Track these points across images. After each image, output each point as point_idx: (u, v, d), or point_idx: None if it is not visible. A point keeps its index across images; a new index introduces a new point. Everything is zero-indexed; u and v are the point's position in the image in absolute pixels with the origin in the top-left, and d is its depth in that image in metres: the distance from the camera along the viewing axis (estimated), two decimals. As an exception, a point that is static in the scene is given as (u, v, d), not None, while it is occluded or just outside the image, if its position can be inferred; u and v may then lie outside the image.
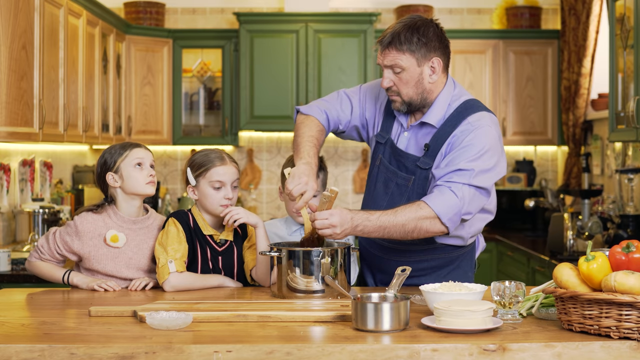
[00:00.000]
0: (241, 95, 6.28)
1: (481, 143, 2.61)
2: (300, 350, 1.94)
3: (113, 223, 2.85)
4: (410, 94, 2.70)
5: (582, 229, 4.58)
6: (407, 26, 2.66)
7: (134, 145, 2.90)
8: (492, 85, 6.40)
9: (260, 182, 6.77)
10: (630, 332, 1.96)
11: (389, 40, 2.65)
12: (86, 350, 1.94)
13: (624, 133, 4.25)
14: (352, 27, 6.28)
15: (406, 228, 2.54)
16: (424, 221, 2.55)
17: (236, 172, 2.83)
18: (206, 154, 2.83)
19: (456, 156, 2.61)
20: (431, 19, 2.73)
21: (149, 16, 6.39)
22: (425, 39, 2.65)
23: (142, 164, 2.85)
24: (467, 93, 2.79)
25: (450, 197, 2.55)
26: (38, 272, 2.91)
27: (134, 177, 2.83)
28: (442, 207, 2.54)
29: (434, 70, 2.68)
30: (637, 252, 2.05)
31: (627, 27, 4.21)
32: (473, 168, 2.57)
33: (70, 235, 2.84)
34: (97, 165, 2.91)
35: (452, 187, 2.56)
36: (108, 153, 2.88)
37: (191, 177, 2.81)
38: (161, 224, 2.92)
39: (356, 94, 2.94)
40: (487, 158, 2.61)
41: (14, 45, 3.97)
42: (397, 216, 2.54)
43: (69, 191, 5.59)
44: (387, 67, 2.69)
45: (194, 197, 2.84)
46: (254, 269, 2.81)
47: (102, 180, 2.88)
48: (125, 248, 2.84)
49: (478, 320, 2.05)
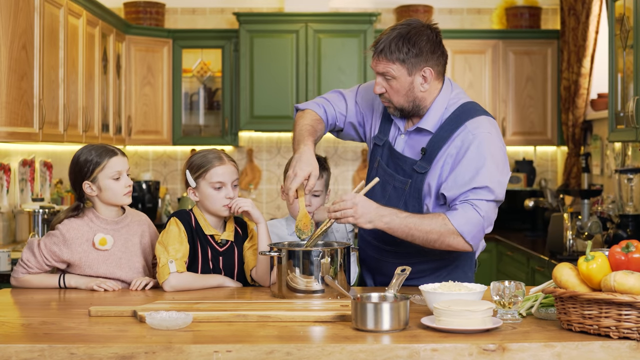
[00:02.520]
0: (241, 95, 6.28)
1: (488, 155, 2.61)
2: (300, 350, 1.94)
3: (97, 226, 2.83)
4: (402, 102, 2.70)
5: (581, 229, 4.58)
6: (399, 35, 2.64)
7: (110, 152, 2.83)
8: (491, 86, 6.40)
9: (260, 182, 6.77)
10: (630, 332, 1.97)
11: (381, 48, 2.65)
12: (86, 350, 1.95)
13: (624, 133, 4.25)
14: (352, 27, 6.28)
15: (430, 236, 2.57)
16: (448, 236, 2.58)
17: (235, 171, 2.83)
18: (204, 155, 2.83)
19: (465, 172, 2.60)
20: (428, 24, 2.69)
21: (149, 16, 6.39)
22: (417, 50, 2.63)
23: (120, 176, 2.81)
24: (465, 96, 2.77)
25: (474, 216, 2.58)
26: (29, 286, 2.83)
27: (112, 189, 2.81)
28: (465, 226, 2.57)
29: (426, 79, 2.67)
30: (637, 252, 2.05)
31: (626, 27, 4.21)
32: (487, 185, 2.59)
33: (58, 244, 2.80)
34: (71, 171, 2.84)
35: (475, 206, 2.58)
36: (83, 159, 2.81)
37: (191, 179, 2.81)
38: (140, 219, 2.93)
39: (352, 92, 2.96)
40: (497, 169, 2.62)
41: (14, 45, 3.97)
42: (423, 222, 2.57)
43: (69, 191, 5.59)
44: (379, 74, 2.69)
45: (195, 198, 2.83)
46: (254, 269, 2.81)
47: (79, 186, 2.82)
48: (113, 249, 2.83)
49: (478, 320, 2.05)
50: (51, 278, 2.84)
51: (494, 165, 2.61)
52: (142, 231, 2.93)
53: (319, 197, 2.94)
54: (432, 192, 2.69)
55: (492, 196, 2.60)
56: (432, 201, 2.70)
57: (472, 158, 2.61)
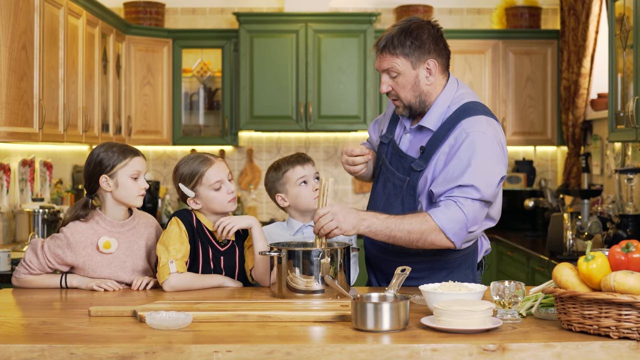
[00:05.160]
0: (241, 95, 6.28)
1: (477, 153, 2.59)
2: (300, 350, 1.94)
3: (102, 229, 2.83)
4: (409, 97, 2.72)
5: (581, 229, 4.58)
6: (401, 30, 2.67)
7: (133, 152, 2.84)
8: (491, 86, 6.40)
9: (260, 182, 6.77)
10: (630, 332, 1.97)
11: (383, 44, 2.68)
12: (86, 350, 1.95)
13: (624, 133, 4.25)
14: (352, 27, 6.29)
15: (411, 236, 2.57)
16: (430, 234, 2.57)
17: (225, 165, 2.87)
18: (189, 164, 2.82)
19: (453, 170, 2.60)
20: (428, 20, 2.73)
21: (149, 16, 6.39)
22: (419, 42, 2.66)
23: (138, 176, 2.82)
24: (470, 95, 2.76)
25: (456, 212, 2.57)
26: (30, 286, 2.83)
27: (129, 187, 2.81)
28: (447, 222, 2.56)
29: (430, 72, 2.69)
30: (637, 252, 2.05)
31: (626, 27, 4.21)
32: (473, 184, 2.57)
33: (62, 247, 2.80)
34: (89, 163, 2.82)
35: (458, 202, 2.57)
36: (105, 153, 2.81)
37: (188, 190, 2.81)
38: (147, 222, 2.93)
39: (374, 124, 3.08)
40: (486, 169, 2.60)
41: (14, 45, 3.97)
42: (404, 222, 2.56)
43: (69, 191, 5.60)
44: (384, 72, 2.72)
45: (197, 206, 2.83)
46: (253, 269, 2.82)
47: (94, 180, 2.81)
48: (117, 252, 2.83)
49: (478, 320, 2.05)
50: (53, 278, 2.83)
51: (483, 165, 2.60)
52: (149, 234, 2.92)
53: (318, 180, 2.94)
54: (425, 190, 2.70)
55: (478, 195, 2.58)
56: (426, 199, 2.71)
57: (461, 156, 2.60)
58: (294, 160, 2.91)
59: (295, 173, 2.89)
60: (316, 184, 2.89)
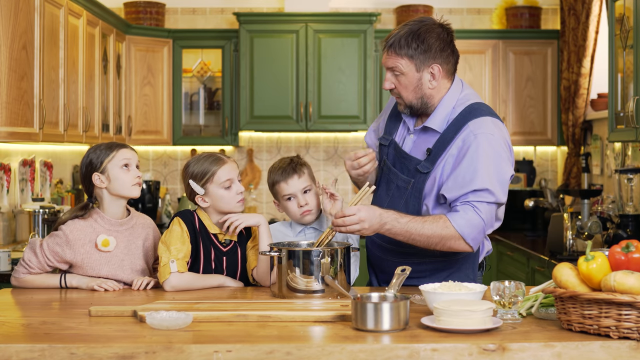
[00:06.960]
0: (241, 95, 6.28)
1: (487, 156, 2.60)
2: (300, 350, 1.95)
3: (101, 227, 2.84)
4: (410, 98, 2.72)
5: (581, 228, 4.58)
6: (410, 31, 2.68)
7: (120, 145, 2.88)
8: (491, 86, 6.40)
9: (260, 182, 6.77)
10: (630, 331, 1.97)
11: (391, 42, 2.69)
12: (86, 350, 1.95)
13: (624, 133, 4.25)
14: (352, 27, 6.29)
15: (430, 240, 2.59)
16: (449, 239, 2.59)
17: (236, 166, 2.88)
18: (201, 163, 2.83)
19: (465, 173, 2.60)
20: (440, 23, 2.72)
21: (149, 16, 6.40)
22: (425, 46, 2.66)
23: (129, 165, 2.84)
24: (475, 96, 2.77)
25: (474, 217, 2.59)
26: (30, 286, 2.84)
27: (121, 178, 2.82)
28: (466, 228, 2.58)
29: (434, 76, 2.69)
30: (637, 252, 2.05)
31: (626, 27, 4.21)
32: (487, 187, 2.58)
33: (61, 245, 2.80)
34: (81, 165, 2.87)
35: (475, 208, 2.59)
36: (93, 153, 2.85)
37: (198, 187, 2.81)
38: (145, 222, 2.94)
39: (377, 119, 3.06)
40: (497, 171, 2.61)
41: (14, 45, 3.97)
42: (424, 226, 2.57)
43: (69, 191, 5.60)
44: (389, 69, 2.72)
45: (205, 204, 2.83)
46: (255, 269, 2.82)
47: (88, 180, 2.85)
48: (116, 251, 2.83)
49: (478, 320, 2.05)
50: (52, 278, 2.83)
51: (494, 167, 2.61)
52: (146, 234, 2.93)
53: (310, 190, 2.93)
54: (432, 192, 2.70)
55: (493, 198, 2.60)
56: (432, 201, 2.70)
57: (472, 158, 2.61)
58: (279, 175, 2.89)
59: (281, 189, 2.90)
60: (303, 198, 2.88)
